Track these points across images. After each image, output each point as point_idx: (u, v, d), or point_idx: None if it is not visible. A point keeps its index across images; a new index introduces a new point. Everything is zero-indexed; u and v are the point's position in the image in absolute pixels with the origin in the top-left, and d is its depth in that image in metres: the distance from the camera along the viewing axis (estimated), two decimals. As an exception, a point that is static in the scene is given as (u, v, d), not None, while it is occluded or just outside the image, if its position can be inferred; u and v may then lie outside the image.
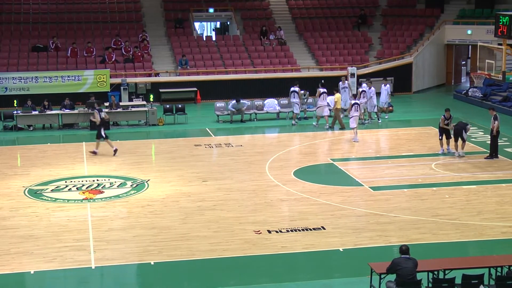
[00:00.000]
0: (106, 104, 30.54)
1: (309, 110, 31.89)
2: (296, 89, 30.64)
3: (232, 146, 26.74)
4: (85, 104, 30.53)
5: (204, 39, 40.61)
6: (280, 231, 17.30)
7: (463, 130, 24.07)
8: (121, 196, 20.41)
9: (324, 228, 17.48)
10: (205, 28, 46.98)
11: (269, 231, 17.31)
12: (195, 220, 18.24)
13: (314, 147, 26.88)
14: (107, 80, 34.39)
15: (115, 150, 25.00)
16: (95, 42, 38.33)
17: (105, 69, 35.22)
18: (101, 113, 25.60)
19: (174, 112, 31.29)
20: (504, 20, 34.94)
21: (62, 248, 16.37)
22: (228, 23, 42.62)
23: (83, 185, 21.44)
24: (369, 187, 21.02)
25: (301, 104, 31.07)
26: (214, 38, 41.19)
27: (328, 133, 28.86)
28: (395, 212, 18.70)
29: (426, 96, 38.06)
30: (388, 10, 43.14)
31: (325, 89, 30.01)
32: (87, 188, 21.18)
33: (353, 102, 27.68)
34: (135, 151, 25.96)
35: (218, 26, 45.31)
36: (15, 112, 29.61)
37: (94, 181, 21.94)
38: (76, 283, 14.89)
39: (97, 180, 22.03)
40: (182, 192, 20.64)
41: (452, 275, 13.17)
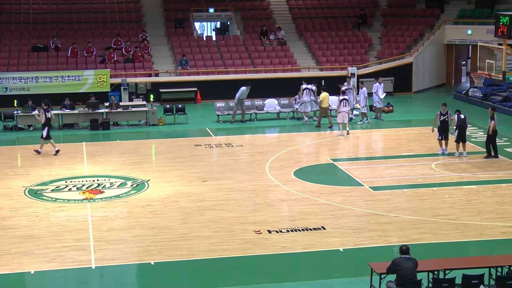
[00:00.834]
0: (106, 104, 30.57)
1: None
2: (312, 87, 30.36)
3: (232, 146, 26.73)
4: (85, 104, 30.53)
5: (204, 39, 40.60)
6: (280, 231, 17.30)
7: (465, 128, 23.99)
8: (121, 196, 20.41)
9: (324, 228, 17.48)
10: (205, 28, 46.95)
11: (269, 231, 17.30)
12: (195, 220, 18.23)
13: (314, 147, 26.90)
14: (107, 80, 34.37)
15: (57, 151, 24.99)
16: (95, 42, 38.33)
17: (105, 69, 35.19)
18: (47, 113, 25.30)
19: (174, 112, 31.29)
20: (504, 20, 34.93)
21: (62, 248, 16.36)
22: (228, 23, 42.60)
23: (83, 185, 21.43)
24: (369, 187, 21.01)
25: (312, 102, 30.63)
26: (214, 38, 41.17)
27: (327, 133, 28.87)
28: (395, 212, 18.70)
29: (426, 96, 38.05)
30: (388, 10, 43.12)
31: (308, 85, 30.12)
32: (87, 188, 21.18)
33: (341, 98, 27.96)
34: (135, 151, 25.95)
35: (218, 26, 45.28)
36: (15, 112, 29.60)
37: (94, 181, 21.93)
38: (76, 283, 14.88)
39: (97, 180, 22.03)
40: (182, 192, 20.63)
41: (452, 275, 13.17)
